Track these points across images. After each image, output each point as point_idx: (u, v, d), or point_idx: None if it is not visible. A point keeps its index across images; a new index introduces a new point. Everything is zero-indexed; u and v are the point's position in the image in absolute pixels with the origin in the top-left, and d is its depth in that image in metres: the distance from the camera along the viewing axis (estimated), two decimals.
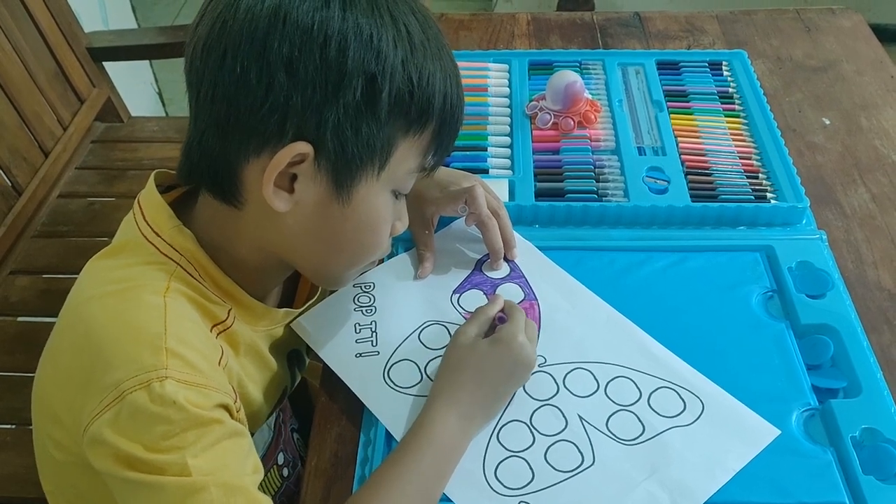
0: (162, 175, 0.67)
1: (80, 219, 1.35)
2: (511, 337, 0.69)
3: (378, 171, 0.61)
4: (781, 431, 0.68)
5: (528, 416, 0.70)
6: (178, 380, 0.55)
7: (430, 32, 0.61)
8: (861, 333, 0.75)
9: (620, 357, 0.74)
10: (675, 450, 0.67)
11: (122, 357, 0.56)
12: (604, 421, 0.69)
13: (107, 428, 0.55)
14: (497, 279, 0.81)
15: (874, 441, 0.67)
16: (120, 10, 2.04)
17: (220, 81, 0.58)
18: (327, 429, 0.71)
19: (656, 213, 0.87)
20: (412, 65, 0.59)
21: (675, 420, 0.69)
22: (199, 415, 0.55)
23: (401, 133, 0.61)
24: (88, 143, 1.49)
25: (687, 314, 0.78)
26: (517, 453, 0.67)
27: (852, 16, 1.24)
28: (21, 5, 1.33)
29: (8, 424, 1.08)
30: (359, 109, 0.58)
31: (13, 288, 1.23)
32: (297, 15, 0.56)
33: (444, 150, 0.66)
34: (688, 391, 0.71)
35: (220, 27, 0.57)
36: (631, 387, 0.72)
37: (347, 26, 0.56)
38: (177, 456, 0.54)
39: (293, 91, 0.56)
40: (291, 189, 0.60)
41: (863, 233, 0.88)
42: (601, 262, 0.83)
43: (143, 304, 0.59)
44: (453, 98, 0.63)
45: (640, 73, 1.08)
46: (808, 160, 0.98)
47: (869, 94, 1.08)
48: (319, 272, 0.71)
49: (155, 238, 0.63)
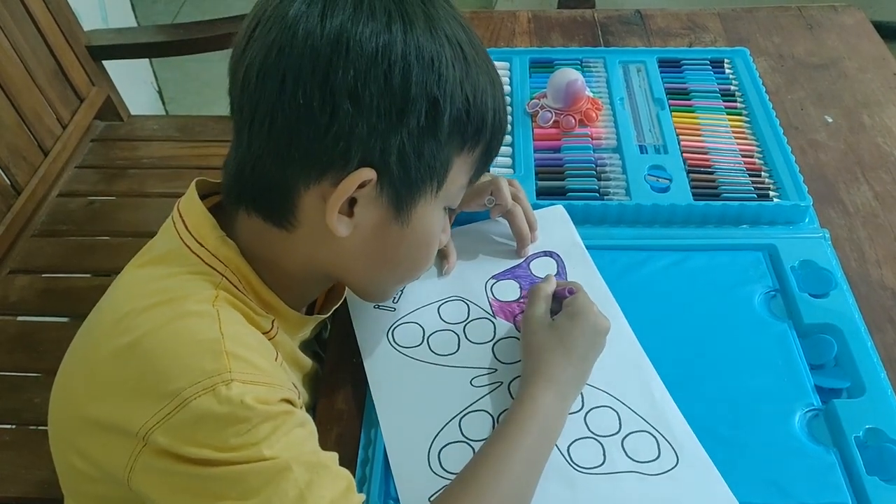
0: (202, 183, 0.66)
1: (79, 218, 1.34)
2: (586, 308, 0.71)
3: (436, 191, 0.62)
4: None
5: (498, 411, 0.70)
6: (243, 381, 0.55)
7: (477, 46, 0.62)
8: (864, 333, 0.75)
9: (620, 390, 0.72)
10: (623, 492, 0.65)
11: (180, 366, 0.55)
12: (566, 442, 0.68)
13: (166, 437, 0.53)
14: (538, 278, 0.81)
15: (878, 441, 0.67)
16: (119, 8, 2.04)
17: (279, 109, 0.57)
18: (328, 429, 0.71)
19: (658, 211, 0.86)
20: (468, 83, 0.59)
21: (640, 466, 0.66)
22: (269, 410, 0.55)
23: (457, 151, 0.61)
24: (88, 142, 1.49)
25: (689, 313, 0.78)
26: (470, 441, 0.68)
27: (854, 13, 1.23)
28: (20, 4, 1.32)
29: (8, 424, 1.07)
30: (422, 133, 0.58)
31: (13, 287, 1.23)
32: (360, 41, 0.55)
33: (489, 162, 0.67)
34: (668, 443, 0.68)
35: (276, 52, 0.56)
36: (613, 420, 0.70)
37: (409, 50, 0.56)
38: (253, 450, 0.53)
39: (358, 118, 0.56)
40: (351, 213, 0.60)
41: (866, 231, 0.88)
42: (603, 261, 0.82)
43: (193, 313, 0.58)
44: (501, 111, 0.64)
45: (642, 70, 1.07)
46: (811, 158, 0.97)
47: (871, 92, 1.08)
48: (369, 288, 0.71)
49: (199, 248, 0.62)
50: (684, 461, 0.67)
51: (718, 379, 0.72)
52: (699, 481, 0.65)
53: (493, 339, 0.76)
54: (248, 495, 0.53)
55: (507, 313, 0.78)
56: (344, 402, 0.73)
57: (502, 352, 0.75)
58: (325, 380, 0.75)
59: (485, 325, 0.77)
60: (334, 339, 0.78)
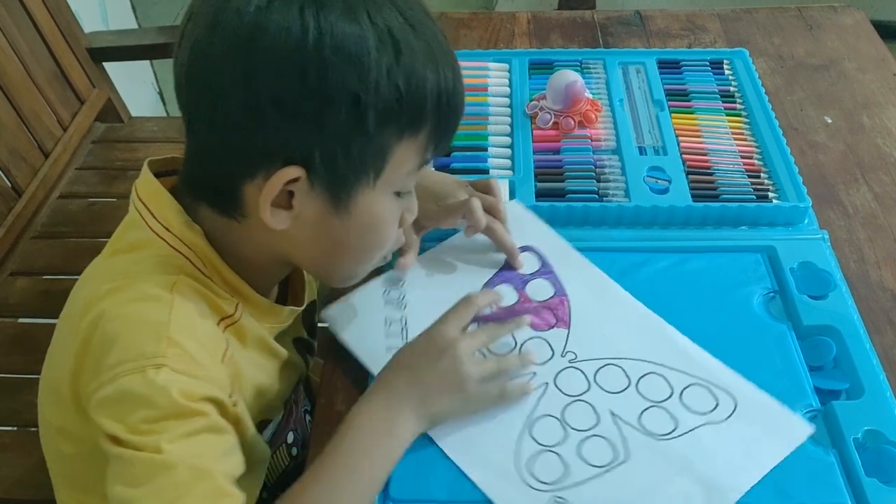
0: (154, 164, 0.67)
1: (80, 219, 1.34)
2: (438, 328, 0.68)
3: (374, 181, 0.61)
4: (815, 429, 0.68)
5: (559, 411, 0.70)
6: (174, 369, 0.56)
7: (416, 24, 0.58)
8: (864, 334, 0.75)
9: (652, 354, 0.74)
10: (708, 446, 0.67)
11: (123, 344, 0.57)
12: (636, 417, 0.69)
13: (97, 406, 0.57)
14: (527, 275, 0.81)
15: (877, 443, 0.67)
16: (120, 10, 2.04)
17: (207, 114, 0.58)
18: (326, 431, 0.71)
19: (657, 213, 0.86)
20: (398, 71, 0.56)
21: (708, 417, 0.69)
22: (184, 405, 0.56)
23: (394, 139, 0.60)
24: (88, 144, 1.49)
25: (688, 315, 0.78)
26: (550, 447, 0.67)
27: (854, 13, 1.23)
28: (20, 5, 1.32)
29: (8, 426, 1.08)
30: (347, 130, 0.57)
31: (13, 289, 1.23)
32: (271, 44, 0.54)
33: (444, 143, 0.64)
34: (720, 388, 0.71)
35: (200, 57, 0.57)
36: (662, 383, 0.72)
37: (325, 42, 0.54)
38: (153, 438, 0.55)
39: (280, 121, 0.56)
40: (290, 206, 0.60)
41: (865, 232, 0.88)
42: (602, 263, 0.82)
43: (150, 297, 0.60)
44: (449, 93, 0.60)
45: (641, 72, 1.07)
46: (810, 159, 0.97)
47: (871, 93, 1.08)
48: (328, 273, 0.71)
49: (165, 233, 0.63)
50: (742, 400, 0.70)
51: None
52: (764, 412, 0.69)
53: (517, 344, 0.76)
54: (134, 483, 0.54)
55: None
56: (343, 402, 0.72)
57: (533, 348, 0.75)
58: (324, 380, 0.75)
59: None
60: (333, 339, 0.78)
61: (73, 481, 0.70)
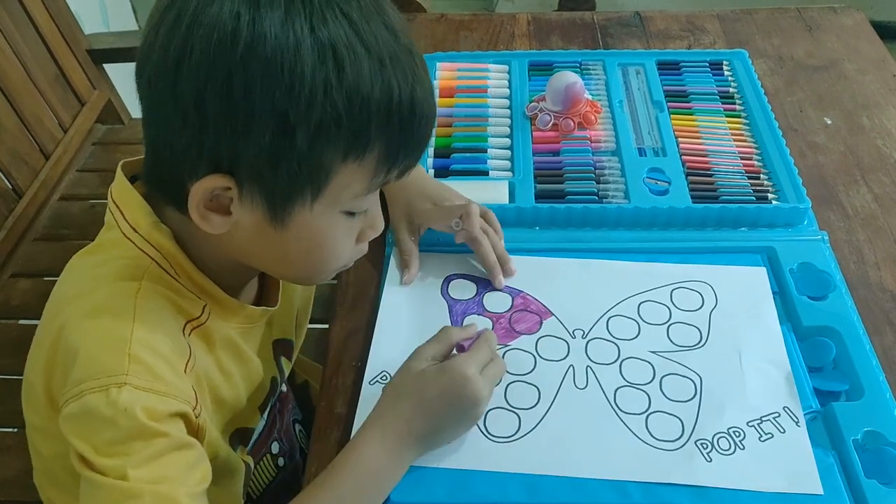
0: (128, 165, 0.66)
1: (81, 221, 1.34)
2: (459, 368, 0.65)
3: (312, 201, 0.57)
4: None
5: (614, 380, 0.72)
6: (136, 386, 0.56)
7: (368, 36, 0.53)
8: (863, 335, 0.75)
9: (631, 289, 0.80)
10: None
11: (86, 359, 0.57)
12: (672, 343, 0.75)
13: (65, 421, 0.56)
14: (469, 299, 0.80)
15: (877, 444, 0.67)
16: (121, 12, 2.04)
17: (149, 110, 0.58)
18: (327, 435, 0.71)
19: (657, 214, 0.86)
20: (338, 90, 0.52)
21: (701, 311, 0.77)
22: (147, 426, 0.55)
23: (336, 160, 0.56)
24: (89, 146, 1.49)
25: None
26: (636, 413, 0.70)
27: (854, 14, 1.23)
28: (21, 7, 1.32)
29: (9, 428, 1.08)
30: (274, 148, 0.53)
31: (14, 291, 1.23)
32: (200, 40, 0.52)
33: (409, 159, 0.60)
34: (697, 282, 0.80)
35: (146, 51, 0.56)
36: (660, 308, 0.78)
37: (254, 52, 0.51)
38: (119, 462, 0.54)
39: (204, 127, 0.54)
40: (229, 211, 0.58)
41: (865, 233, 0.88)
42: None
43: (111, 309, 0.59)
44: (404, 108, 0.55)
45: (641, 73, 1.07)
46: (810, 160, 0.97)
47: (871, 94, 1.08)
48: (286, 278, 0.71)
49: (133, 234, 0.62)
50: (718, 286, 0.79)
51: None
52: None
53: (537, 335, 0.77)
54: None
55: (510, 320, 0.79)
56: (343, 405, 0.73)
57: (545, 348, 0.75)
58: (324, 384, 0.75)
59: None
60: (333, 342, 0.78)
61: (53, 480, 0.71)
